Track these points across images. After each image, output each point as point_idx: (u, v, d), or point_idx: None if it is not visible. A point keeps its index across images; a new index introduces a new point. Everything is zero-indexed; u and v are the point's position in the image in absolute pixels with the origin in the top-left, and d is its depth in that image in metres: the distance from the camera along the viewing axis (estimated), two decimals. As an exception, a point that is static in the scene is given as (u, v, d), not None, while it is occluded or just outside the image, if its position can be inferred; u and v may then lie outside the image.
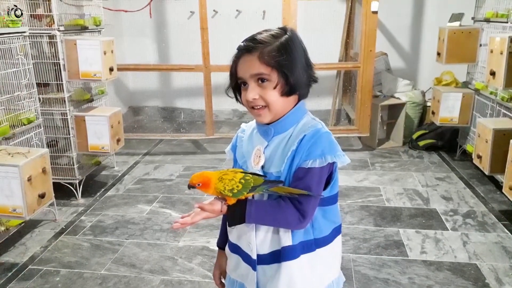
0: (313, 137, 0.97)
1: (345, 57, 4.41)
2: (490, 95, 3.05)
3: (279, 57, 0.96)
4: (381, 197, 2.93)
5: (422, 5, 4.46)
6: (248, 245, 1.04)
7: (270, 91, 0.98)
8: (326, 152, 0.96)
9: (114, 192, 3.10)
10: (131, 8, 3.96)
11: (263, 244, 1.03)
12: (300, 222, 0.97)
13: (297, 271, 1.01)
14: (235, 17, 4.57)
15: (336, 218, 1.08)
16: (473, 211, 2.72)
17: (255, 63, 0.97)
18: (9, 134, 2.31)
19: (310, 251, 1.03)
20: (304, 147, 0.97)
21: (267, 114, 1.00)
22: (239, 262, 1.09)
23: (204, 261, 2.24)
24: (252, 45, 0.97)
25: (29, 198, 2.10)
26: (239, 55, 1.00)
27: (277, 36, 0.99)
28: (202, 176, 0.96)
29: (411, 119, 4.08)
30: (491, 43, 2.66)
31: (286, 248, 1.00)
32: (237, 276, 1.11)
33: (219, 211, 0.97)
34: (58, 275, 2.14)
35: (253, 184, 0.95)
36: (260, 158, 1.03)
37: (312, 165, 0.96)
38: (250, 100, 0.99)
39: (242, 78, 1.00)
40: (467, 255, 2.25)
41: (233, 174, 0.96)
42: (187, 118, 5.07)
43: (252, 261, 1.04)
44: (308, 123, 1.01)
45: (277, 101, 0.99)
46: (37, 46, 2.85)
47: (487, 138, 2.64)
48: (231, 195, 0.94)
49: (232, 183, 0.94)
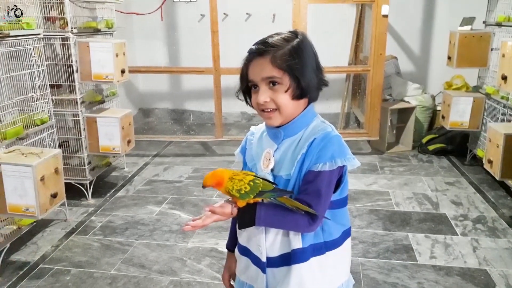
0: (323, 140, 0.98)
1: (354, 61, 4.41)
2: (501, 99, 3.03)
3: (291, 61, 0.97)
4: (390, 201, 2.92)
5: (432, 9, 4.44)
6: (258, 248, 1.05)
7: (281, 94, 0.98)
8: (336, 155, 0.97)
9: (124, 193, 3.13)
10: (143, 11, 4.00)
11: (272, 247, 1.03)
12: (309, 225, 0.98)
13: (307, 273, 1.02)
14: (245, 20, 4.59)
15: (346, 221, 1.08)
16: (483, 217, 2.70)
17: (267, 66, 0.97)
18: (23, 134, 2.35)
19: (320, 254, 1.03)
20: (314, 150, 0.97)
21: (277, 117, 1.01)
22: (248, 264, 1.09)
23: (213, 262, 2.25)
24: (264, 48, 0.98)
25: (42, 197, 2.13)
26: (250, 58, 1.00)
27: (288, 40, 0.99)
28: (214, 177, 0.97)
29: (421, 123, 4.06)
30: (503, 47, 2.64)
31: (296, 250, 1.01)
32: (246, 278, 1.11)
33: (229, 214, 0.98)
34: (69, 274, 2.17)
35: (261, 189, 0.95)
36: (270, 161, 1.03)
37: (322, 168, 0.96)
38: (261, 103, 0.99)
39: (253, 81, 1.00)
40: (477, 260, 2.23)
41: (243, 176, 0.96)
42: (197, 120, 5.10)
43: (261, 263, 1.05)
44: (318, 126, 1.01)
45: (288, 104, 0.99)
46: (50, 48, 2.90)
47: (498, 143, 2.62)
48: (238, 195, 0.95)
49: (241, 184, 0.95)
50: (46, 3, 2.75)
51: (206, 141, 4.14)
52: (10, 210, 2.14)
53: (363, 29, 4.32)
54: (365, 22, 4.26)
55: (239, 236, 1.11)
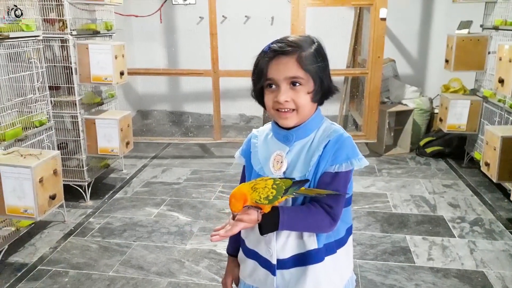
0: (337, 142, 0.99)
1: (353, 63, 4.43)
2: (498, 102, 3.05)
3: (316, 63, 0.98)
4: (388, 204, 2.93)
5: (430, 12, 4.47)
6: (268, 251, 1.04)
7: (303, 95, 0.98)
8: (350, 156, 0.99)
9: (122, 195, 3.13)
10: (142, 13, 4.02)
11: (283, 249, 1.03)
12: (331, 225, 0.99)
13: (323, 273, 1.03)
14: (244, 23, 4.61)
15: (349, 219, 1.11)
16: (480, 219, 2.71)
17: (292, 66, 0.97)
18: (22, 136, 2.35)
19: (332, 253, 1.05)
20: (329, 152, 0.98)
21: (294, 118, 1.00)
22: (256, 267, 1.08)
23: (211, 264, 2.26)
24: (288, 47, 0.97)
25: (41, 199, 2.13)
26: (272, 56, 0.98)
27: (309, 42, 1.00)
28: (238, 199, 0.94)
29: (419, 126, 4.08)
30: (499, 51, 2.66)
31: (312, 251, 1.01)
32: (253, 281, 1.10)
33: (256, 220, 0.96)
34: (67, 276, 2.17)
35: (285, 187, 0.95)
36: (282, 164, 1.03)
37: (338, 169, 0.98)
38: (282, 102, 0.98)
39: (273, 80, 0.99)
40: (474, 262, 2.25)
41: (264, 183, 0.96)
42: (195, 122, 5.11)
43: (271, 266, 1.04)
44: (329, 128, 1.03)
45: (307, 105, 1.00)
46: (49, 49, 2.91)
47: (495, 146, 2.63)
48: (267, 202, 0.94)
49: (266, 190, 0.94)
50: (45, 5, 2.75)
51: (204, 143, 4.15)
52: (9, 211, 2.14)
53: (361, 32, 4.35)
54: (363, 25, 4.28)
55: (246, 239, 1.10)
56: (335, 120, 4.43)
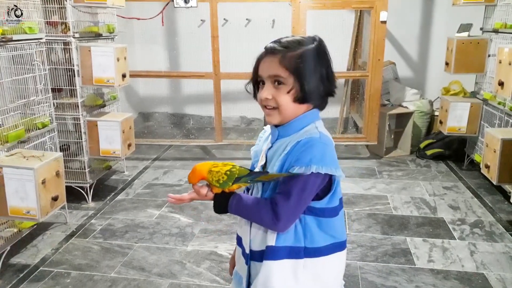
0: (305, 145, 0.98)
1: (353, 66, 4.44)
2: (498, 105, 3.06)
3: (299, 64, 0.99)
4: (388, 206, 2.94)
5: (430, 15, 4.49)
6: (245, 240, 1.09)
7: (283, 95, 1.01)
8: (314, 161, 0.95)
9: (124, 196, 3.14)
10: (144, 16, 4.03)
11: (254, 240, 1.07)
12: (274, 223, 0.98)
13: (277, 273, 1.02)
14: (245, 25, 4.63)
15: (337, 233, 1.05)
16: (480, 221, 2.72)
17: (275, 64, 1.00)
18: (24, 137, 2.37)
19: (297, 258, 1.02)
20: (295, 152, 0.98)
21: (276, 116, 1.03)
22: (239, 255, 1.13)
23: (212, 265, 2.27)
24: (276, 47, 1.01)
25: (43, 200, 2.14)
26: (263, 55, 1.04)
27: (302, 44, 1.02)
28: (196, 175, 1.04)
29: (419, 128, 4.09)
30: (499, 53, 2.67)
31: (269, 247, 1.03)
32: (238, 268, 1.15)
33: (204, 196, 1.05)
34: (69, 277, 2.18)
35: (237, 175, 1.01)
36: (262, 159, 1.09)
37: (297, 171, 0.96)
38: (262, 99, 1.03)
39: (261, 77, 1.04)
40: (475, 264, 2.25)
41: (221, 167, 1.03)
42: (196, 124, 5.12)
43: (246, 255, 1.09)
44: (309, 131, 1.01)
45: (288, 105, 1.01)
46: (51, 52, 2.92)
47: (495, 148, 2.64)
48: (218, 185, 1.02)
49: (219, 174, 1.01)
50: (48, 8, 2.77)
51: (205, 145, 4.16)
52: (11, 212, 2.15)
53: (362, 35, 4.36)
54: (364, 28, 4.30)
55: (238, 228, 1.15)
56: (336, 122, 4.45)
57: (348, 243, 2.40)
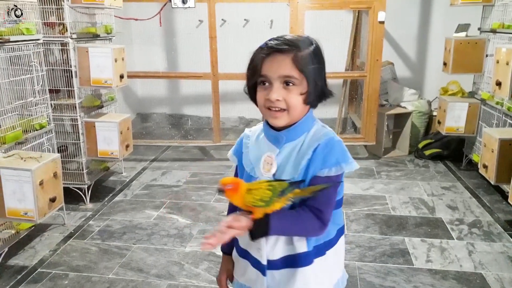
0: (327, 146, 0.98)
1: (351, 66, 4.45)
2: (496, 105, 3.06)
3: (312, 65, 0.97)
4: (386, 206, 2.94)
5: (428, 15, 4.49)
6: (258, 251, 1.04)
7: (295, 96, 0.97)
8: (340, 160, 0.98)
9: (122, 198, 3.14)
10: (142, 16, 4.03)
11: (273, 250, 1.03)
12: (321, 229, 0.99)
13: (312, 275, 1.03)
14: (243, 26, 4.63)
15: (340, 220, 1.11)
16: (478, 221, 2.72)
17: (287, 64, 0.95)
18: (22, 139, 2.36)
19: (321, 255, 1.05)
20: (319, 156, 0.98)
21: (284, 118, 0.99)
22: (247, 267, 1.09)
23: (211, 266, 2.26)
24: (285, 46, 0.96)
25: (41, 201, 2.14)
26: (267, 53, 0.97)
27: (307, 43, 0.99)
28: (232, 180, 0.95)
29: (417, 128, 4.09)
30: (497, 53, 2.68)
31: (302, 254, 1.02)
32: (245, 281, 1.12)
33: (246, 227, 0.94)
34: (67, 279, 2.17)
35: (281, 189, 0.94)
36: (272, 166, 1.02)
37: (328, 173, 0.97)
38: (273, 100, 0.97)
39: (266, 77, 0.97)
40: (473, 264, 2.25)
41: (258, 185, 0.95)
42: (194, 125, 5.12)
43: (262, 266, 1.05)
44: (320, 131, 1.02)
45: (299, 106, 0.99)
46: (49, 53, 2.92)
47: (493, 148, 2.65)
48: (264, 204, 0.92)
49: (261, 192, 0.92)
50: (46, 9, 2.77)
51: (204, 146, 4.16)
52: (9, 214, 2.15)
53: (360, 35, 4.37)
54: (362, 28, 4.30)
55: (240, 239, 1.11)
56: (334, 122, 4.46)
57: (347, 243, 2.40)
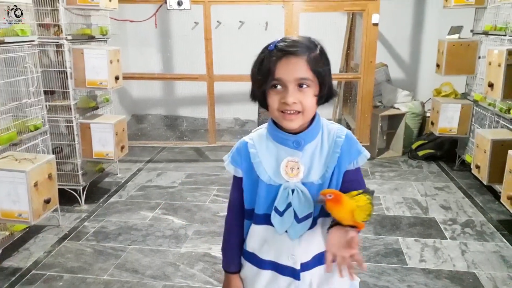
0: (349, 140, 1.04)
1: (345, 68, 4.47)
2: (488, 106, 3.10)
3: (324, 66, 0.98)
4: (380, 206, 2.96)
5: (422, 17, 4.53)
6: (291, 258, 1.04)
7: (310, 97, 0.97)
8: (360, 149, 1.05)
9: (117, 199, 3.14)
10: (137, 18, 4.03)
11: (307, 251, 1.05)
12: None
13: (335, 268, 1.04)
14: (238, 28, 4.65)
15: None
16: (471, 221, 2.75)
17: (302, 66, 0.95)
18: (16, 140, 2.36)
19: None
20: (345, 151, 1.02)
21: (299, 120, 0.99)
22: (275, 277, 1.07)
23: (206, 267, 2.27)
24: (297, 48, 0.95)
25: (35, 203, 2.14)
26: (280, 56, 0.95)
27: (314, 44, 0.99)
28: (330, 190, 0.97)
29: (411, 129, 4.13)
30: (489, 55, 2.71)
31: None
32: None
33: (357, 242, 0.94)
34: (61, 280, 2.17)
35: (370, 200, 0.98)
36: (299, 170, 1.01)
37: (357, 164, 1.04)
38: (290, 104, 0.95)
39: (281, 80, 0.96)
40: (466, 263, 2.28)
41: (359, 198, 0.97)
42: (190, 126, 5.12)
43: (295, 271, 1.05)
44: (332, 127, 1.06)
45: (313, 108, 0.99)
46: (44, 54, 2.91)
47: (485, 149, 2.68)
48: (368, 218, 0.97)
49: (367, 207, 0.96)
50: (41, 10, 2.77)
51: (199, 147, 4.17)
52: (3, 216, 2.15)
53: (354, 37, 4.40)
54: (356, 31, 4.33)
55: (261, 252, 1.08)
56: (329, 124, 4.48)
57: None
